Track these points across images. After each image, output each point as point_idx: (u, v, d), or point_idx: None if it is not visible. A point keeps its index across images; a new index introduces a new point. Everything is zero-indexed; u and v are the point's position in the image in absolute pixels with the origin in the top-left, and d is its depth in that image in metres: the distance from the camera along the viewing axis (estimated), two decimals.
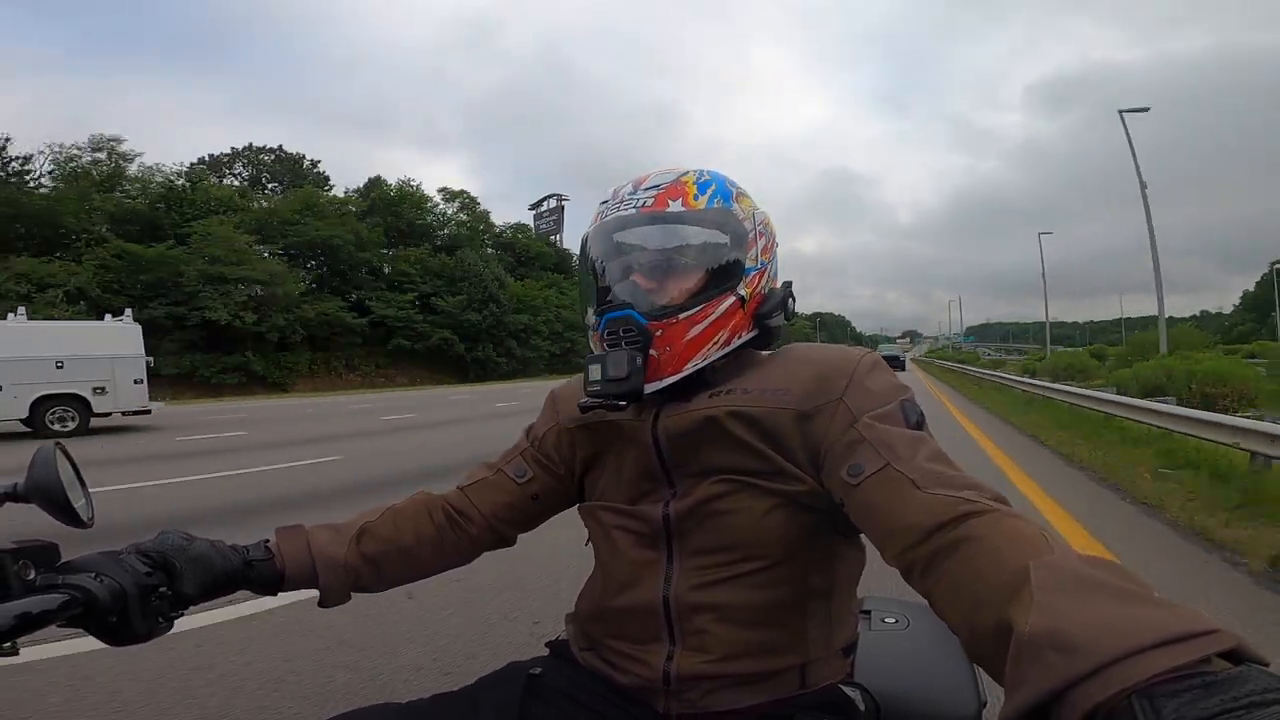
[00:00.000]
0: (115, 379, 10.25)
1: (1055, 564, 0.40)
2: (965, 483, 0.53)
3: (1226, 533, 3.31)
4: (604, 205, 0.74)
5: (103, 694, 1.86)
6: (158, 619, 0.57)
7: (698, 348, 0.68)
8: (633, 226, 0.71)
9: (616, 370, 0.66)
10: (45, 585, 0.51)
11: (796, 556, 0.66)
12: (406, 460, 6.81)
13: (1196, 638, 0.32)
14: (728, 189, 0.73)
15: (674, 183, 0.71)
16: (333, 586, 0.70)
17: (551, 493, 0.81)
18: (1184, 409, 6.20)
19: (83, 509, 0.59)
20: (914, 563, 0.51)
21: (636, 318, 0.67)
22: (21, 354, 9.47)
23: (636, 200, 0.70)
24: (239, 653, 2.15)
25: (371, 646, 2.20)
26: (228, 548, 0.65)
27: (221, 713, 1.79)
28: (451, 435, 9.11)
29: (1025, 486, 4.64)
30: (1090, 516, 3.77)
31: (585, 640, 0.75)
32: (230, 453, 7.35)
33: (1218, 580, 2.75)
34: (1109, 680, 0.31)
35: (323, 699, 1.86)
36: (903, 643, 0.82)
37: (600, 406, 0.70)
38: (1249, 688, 0.28)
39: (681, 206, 0.69)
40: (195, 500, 4.75)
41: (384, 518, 0.75)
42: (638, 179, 0.74)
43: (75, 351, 9.97)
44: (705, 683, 0.65)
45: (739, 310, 0.70)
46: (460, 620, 2.43)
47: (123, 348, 10.41)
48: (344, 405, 17.13)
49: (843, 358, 0.68)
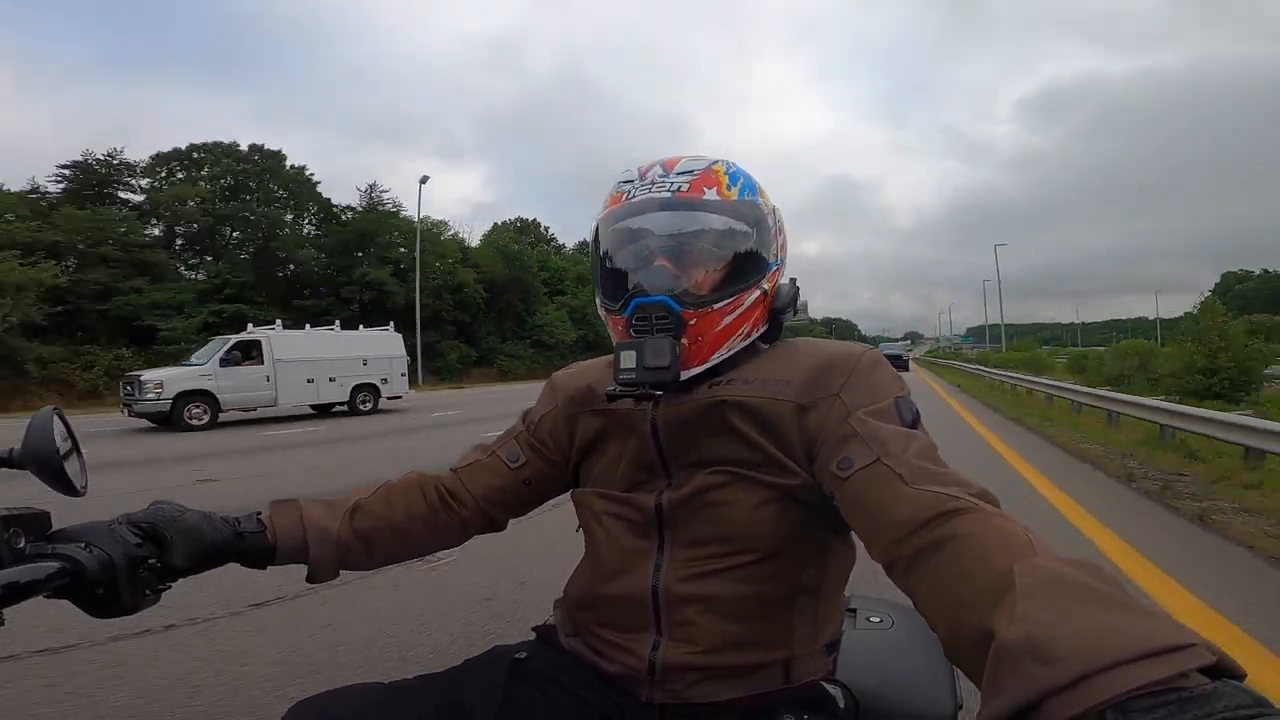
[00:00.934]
0: (392, 372, 13.98)
1: (1039, 568, 0.40)
2: (953, 479, 0.53)
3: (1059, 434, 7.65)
4: (628, 185, 0.71)
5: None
6: (145, 591, 0.56)
7: (725, 338, 0.68)
8: (666, 210, 0.68)
9: (656, 358, 0.64)
10: (35, 554, 0.50)
11: (788, 551, 0.66)
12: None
13: (1175, 652, 0.32)
14: (753, 182, 0.73)
15: (707, 170, 0.70)
16: (323, 561, 0.70)
17: (544, 478, 0.80)
18: (1052, 380, 13.87)
19: (76, 476, 0.58)
20: (898, 559, 0.50)
21: (671, 304, 0.66)
22: (343, 354, 13.05)
23: (670, 184, 0.69)
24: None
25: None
26: (219, 519, 0.64)
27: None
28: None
29: (962, 411, 9.73)
30: (998, 428, 8.47)
31: (572, 626, 0.74)
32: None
33: (1045, 447, 6.83)
34: (1086, 693, 0.31)
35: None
36: (886, 642, 0.82)
37: (632, 395, 0.68)
38: (1222, 704, 0.28)
39: (716, 195, 0.68)
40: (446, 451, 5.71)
41: (378, 494, 0.75)
42: (667, 161, 0.72)
43: (371, 352, 13.61)
44: (690, 674, 0.65)
45: (761, 304, 0.70)
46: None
47: (394, 350, 14.24)
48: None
49: (844, 353, 0.67)
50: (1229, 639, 2.04)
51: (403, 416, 12.11)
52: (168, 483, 5.30)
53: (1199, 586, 2.54)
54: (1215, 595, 2.46)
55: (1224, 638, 2.04)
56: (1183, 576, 2.67)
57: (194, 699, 1.80)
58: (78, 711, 1.74)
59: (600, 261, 0.73)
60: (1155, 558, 2.91)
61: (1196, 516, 3.66)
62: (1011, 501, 2.65)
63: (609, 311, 0.71)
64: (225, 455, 7.18)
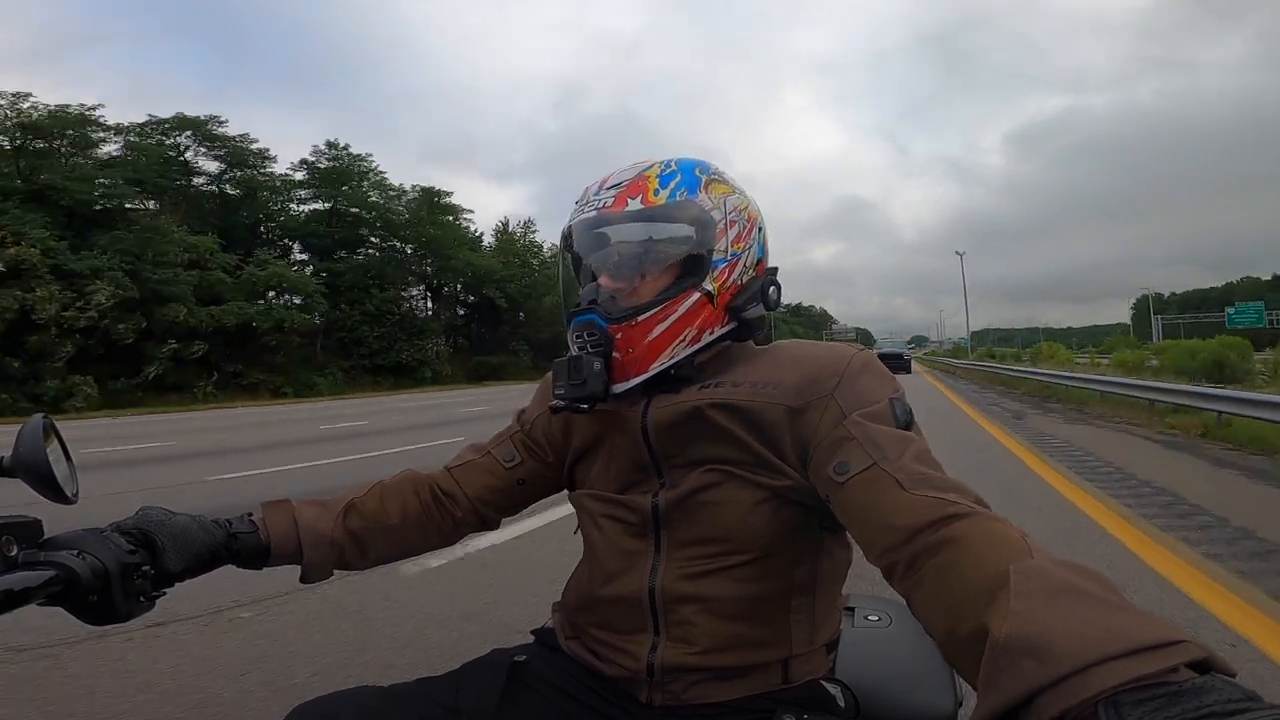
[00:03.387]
0: None
1: (1034, 569, 0.40)
2: (949, 484, 0.53)
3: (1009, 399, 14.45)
4: (575, 206, 0.72)
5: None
6: (139, 598, 0.55)
7: (662, 347, 0.67)
8: (594, 228, 0.70)
9: (575, 375, 0.66)
10: (27, 562, 0.50)
11: (783, 551, 0.66)
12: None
13: (1165, 647, 0.32)
14: (695, 178, 0.70)
15: (635, 179, 0.69)
16: (317, 562, 0.70)
17: (538, 479, 0.80)
18: (1004, 365, 26.27)
19: (67, 484, 0.58)
20: (896, 563, 0.51)
21: (597, 321, 0.66)
22: None
23: (598, 200, 0.69)
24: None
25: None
26: (210, 522, 0.64)
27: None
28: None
29: (938, 385, 19.12)
30: (968, 393, 15.88)
31: (571, 629, 0.74)
32: None
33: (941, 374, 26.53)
34: (1077, 687, 0.32)
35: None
36: (884, 640, 0.82)
37: (568, 409, 0.70)
38: (1212, 698, 0.29)
39: (640, 204, 0.68)
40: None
41: (371, 493, 0.75)
42: (605, 176, 0.72)
43: None
44: (688, 674, 0.65)
45: (707, 305, 0.68)
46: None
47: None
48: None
49: (835, 355, 0.66)
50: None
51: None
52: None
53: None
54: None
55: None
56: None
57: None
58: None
59: (559, 280, 0.76)
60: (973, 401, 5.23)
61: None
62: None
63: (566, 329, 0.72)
64: None
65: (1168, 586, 2.51)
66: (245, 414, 15.88)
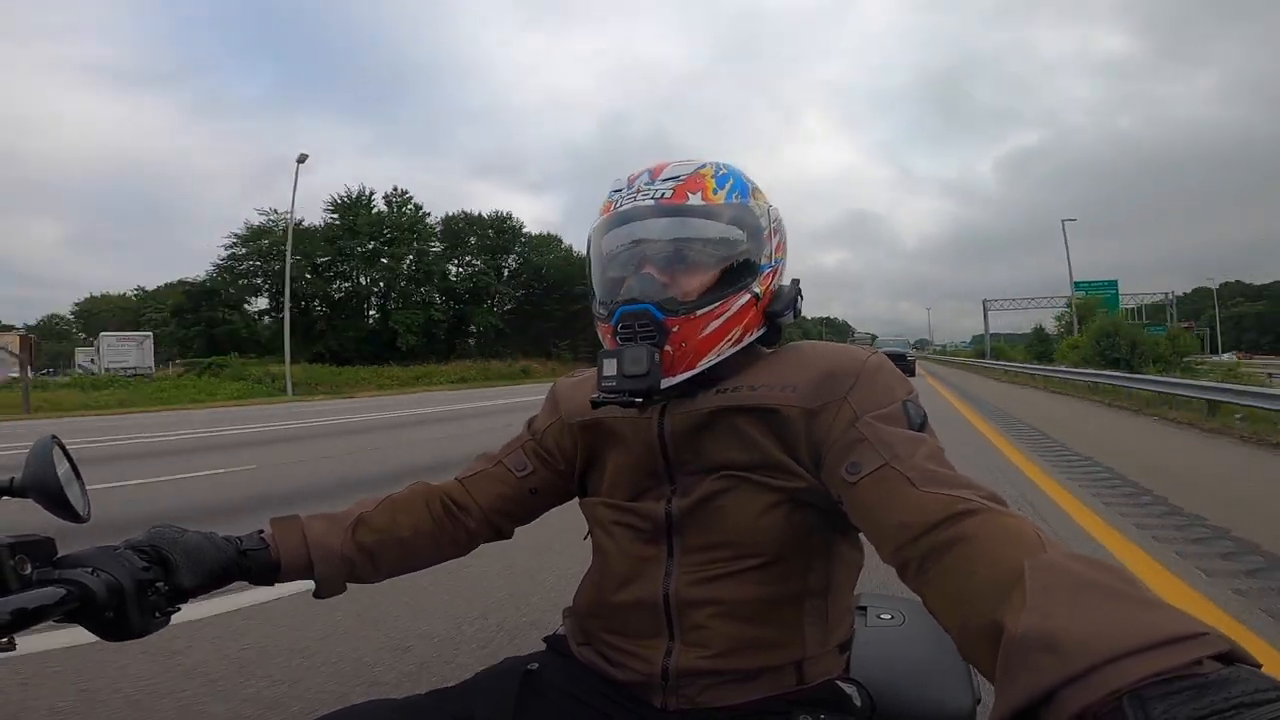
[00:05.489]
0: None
1: (1049, 563, 0.40)
2: (961, 482, 0.53)
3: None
4: (617, 194, 0.71)
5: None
6: (154, 614, 0.56)
7: (712, 344, 0.67)
8: (650, 218, 0.68)
9: (635, 366, 0.64)
10: (42, 580, 0.50)
11: (796, 554, 0.65)
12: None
13: (1188, 640, 0.31)
14: (745, 183, 0.71)
15: (693, 175, 0.69)
16: (328, 577, 0.69)
17: (550, 487, 0.80)
18: (991, 360, 32.97)
19: (79, 503, 0.58)
20: (909, 561, 0.51)
21: (654, 312, 0.65)
22: None
23: (654, 191, 0.68)
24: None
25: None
26: (221, 539, 0.64)
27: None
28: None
29: (928, 377, 22.23)
30: (962, 379, 23.09)
31: (582, 635, 0.74)
32: None
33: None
34: (1100, 682, 0.31)
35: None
36: (898, 639, 0.82)
37: (615, 403, 0.67)
38: (1239, 689, 0.28)
39: (701, 200, 0.68)
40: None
41: (381, 507, 0.75)
42: (655, 167, 0.71)
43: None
44: (704, 678, 0.64)
45: (753, 307, 0.69)
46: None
47: None
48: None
49: (849, 357, 0.66)
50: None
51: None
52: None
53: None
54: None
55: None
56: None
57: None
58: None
59: (591, 270, 0.73)
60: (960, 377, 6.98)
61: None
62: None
63: (599, 320, 0.71)
64: None
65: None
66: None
